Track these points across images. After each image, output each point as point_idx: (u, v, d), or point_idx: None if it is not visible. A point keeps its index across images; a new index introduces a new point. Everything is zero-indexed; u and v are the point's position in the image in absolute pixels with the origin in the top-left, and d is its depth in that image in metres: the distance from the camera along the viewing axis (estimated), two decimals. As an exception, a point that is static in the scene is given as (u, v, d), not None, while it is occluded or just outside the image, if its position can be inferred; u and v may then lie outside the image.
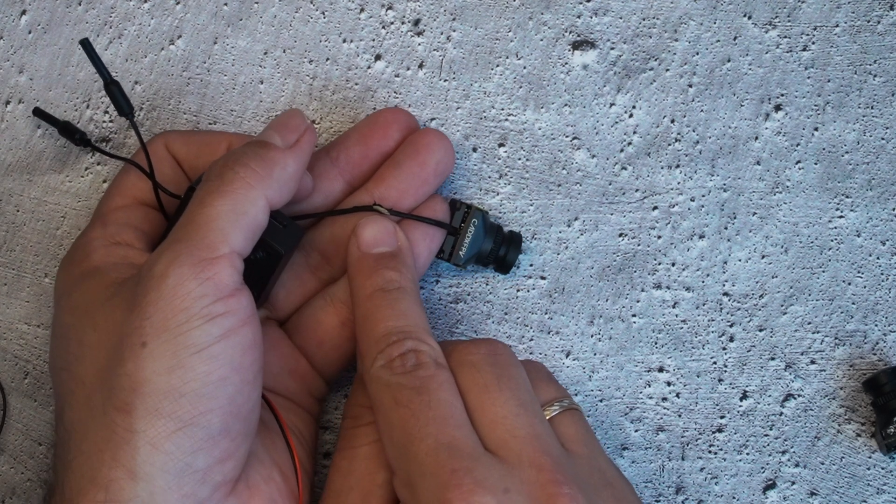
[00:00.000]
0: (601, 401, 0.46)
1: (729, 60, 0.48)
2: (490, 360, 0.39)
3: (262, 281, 0.42)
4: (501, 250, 0.45)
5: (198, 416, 0.35)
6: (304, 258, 0.44)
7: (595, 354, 0.46)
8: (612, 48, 0.48)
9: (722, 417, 0.46)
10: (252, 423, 0.38)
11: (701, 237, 0.47)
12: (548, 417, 0.39)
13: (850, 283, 0.46)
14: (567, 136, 0.47)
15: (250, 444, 0.38)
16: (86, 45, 0.41)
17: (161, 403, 0.35)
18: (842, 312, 0.46)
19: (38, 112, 0.47)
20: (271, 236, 0.41)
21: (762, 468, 0.45)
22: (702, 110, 0.47)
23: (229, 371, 0.36)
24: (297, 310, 0.45)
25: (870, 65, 0.47)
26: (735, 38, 0.48)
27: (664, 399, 0.46)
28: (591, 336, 0.46)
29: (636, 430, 0.46)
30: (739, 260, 0.47)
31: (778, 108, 0.47)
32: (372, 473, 0.38)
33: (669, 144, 0.47)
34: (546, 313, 0.47)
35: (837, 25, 0.48)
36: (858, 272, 0.46)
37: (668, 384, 0.46)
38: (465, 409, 0.37)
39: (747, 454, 0.45)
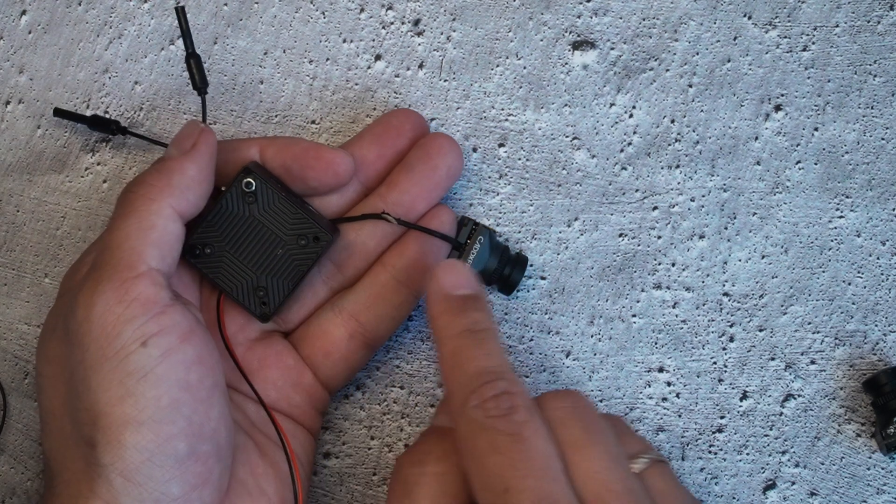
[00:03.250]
0: (601, 401, 0.46)
1: (729, 60, 0.48)
2: (575, 413, 0.38)
3: (299, 273, 0.42)
4: (506, 270, 0.45)
5: (162, 444, 0.35)
6: (317, 267, 0.44)
7: (595, 354, 0.46)
8: (612, 48, 0.48)
9: (722, 417, 0.46)
10: (219, 442, 0.37)
11: (701, 237, 0.47)
12: (637, 471, 0.38)
13: (850, 283, 0.46)
14: (567, 136, 0.47)
15: (226, 468, 0.38)
16: (179, 12, 0.42)
17: (122, 435, 0.35)
18: (842, 312, 0.46)
19: (58, 112, 0.46)
20: (319, 224, 0.42)
21: (762, 468, 0.45)
22: (702, 110, 0.47)
23: (179, 392, 0.36)
24: (305, 320, 0.44)
25: (870, 65, 0.47)
26: (735, 38, 0.48)
27: (664, 399, 0.46)
28: (591, 336, 0.46)
29: (636, 431, 0.46)
30: (739, 260, 0.47)
31: (778, 108, 0.47)
32: None
33: (669, 144, 0.47)
34: (546, 313, 0.47)
35: (837, 25, 0.48)
36: (858, 272, 0.46)
37: (668, 384, 0.46)
38: (560, 459, 0.36)
39: (747, 454, 0.45)
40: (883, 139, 0.47)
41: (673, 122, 0.47)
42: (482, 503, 0.36)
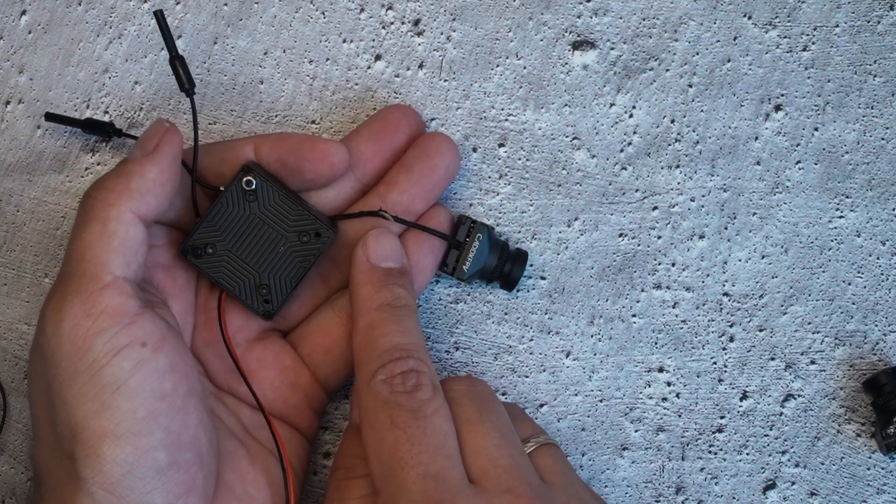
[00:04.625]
0: (601, 401, 0.46)
1: (729, 60, 0.48)
2: (470, 394, 0.39)
3: (302, 269, 0.42)
4: (506, 266, 0.45)
5: (142, 456, 0.35)
6: (315, 265, 0.44)
7: (595, 354, 0.46)
8: (612, 48, 0.48)
9: (722, 417, 0.46)
10: (200, 449, 0.37)
11: (701, 237, 0.47)
12: (528, 451, 0.39)
13: (850, 283, 0.46)
14: (567, 136, 0.47)
15: (210, 474, 0.38)
16: (158, 15, 0.41)
17: (100, 448, 0.35)
18: (842, 312, 0.46)
19: (50, 116, 0.46)
20: (320, 220, 0.41)
21: (762, 468, 0.45)
22: (702, 110, 0.47)
23: (154, 402, 0.36)
24: (304, 318, 0.44)
25: (870, 65, 0.47)
26: (735, 38, 0.48)
27: (664, 399, 0.46)
28: (591, 336, 0.46)
29: (636, 430, 0.46)
30: (739, 260, 0.47)
31: (778, 108, 0.47)
32: None
33: (669, 144, 0.47)
34: (546, 313, 0.47)
35: (837, 25, 0.48)
36: (858, 272, 0.46)
37: (668, 384, 0.46)
38: (456, 437, 0.37)
39: (747, 454, 0.45)
40: (883, 139, 0.47)
41: (673, 122, 0.47)
42: (373, 473, 0.37)
